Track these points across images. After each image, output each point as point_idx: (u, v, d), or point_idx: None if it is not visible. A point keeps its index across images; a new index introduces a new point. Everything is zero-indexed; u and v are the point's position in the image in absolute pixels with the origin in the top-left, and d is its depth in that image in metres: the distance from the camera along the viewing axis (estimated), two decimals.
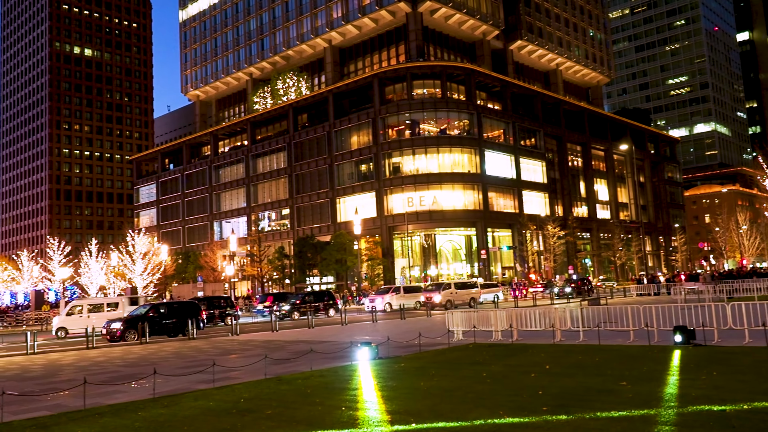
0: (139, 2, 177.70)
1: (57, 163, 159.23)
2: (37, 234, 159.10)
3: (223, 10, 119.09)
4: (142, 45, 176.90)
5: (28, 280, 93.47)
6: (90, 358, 23.73)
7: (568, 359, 16.74)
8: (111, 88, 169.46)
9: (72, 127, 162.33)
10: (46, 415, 12.23)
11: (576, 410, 10.30)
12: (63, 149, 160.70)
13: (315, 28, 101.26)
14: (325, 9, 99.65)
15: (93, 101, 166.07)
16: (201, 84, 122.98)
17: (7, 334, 44.70)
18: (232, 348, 25.17)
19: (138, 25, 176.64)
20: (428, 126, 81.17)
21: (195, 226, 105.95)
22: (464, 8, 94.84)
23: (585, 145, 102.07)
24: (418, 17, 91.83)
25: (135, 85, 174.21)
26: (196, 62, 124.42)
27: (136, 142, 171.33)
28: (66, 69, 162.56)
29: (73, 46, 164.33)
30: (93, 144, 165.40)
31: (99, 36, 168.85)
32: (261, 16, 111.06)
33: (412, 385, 13.56)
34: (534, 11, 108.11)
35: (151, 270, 72.66)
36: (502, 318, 22.90)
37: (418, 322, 33.78)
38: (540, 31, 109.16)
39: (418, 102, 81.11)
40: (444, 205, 78.23)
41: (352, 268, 76.47)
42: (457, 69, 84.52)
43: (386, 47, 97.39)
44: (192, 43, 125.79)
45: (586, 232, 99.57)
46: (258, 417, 11.01)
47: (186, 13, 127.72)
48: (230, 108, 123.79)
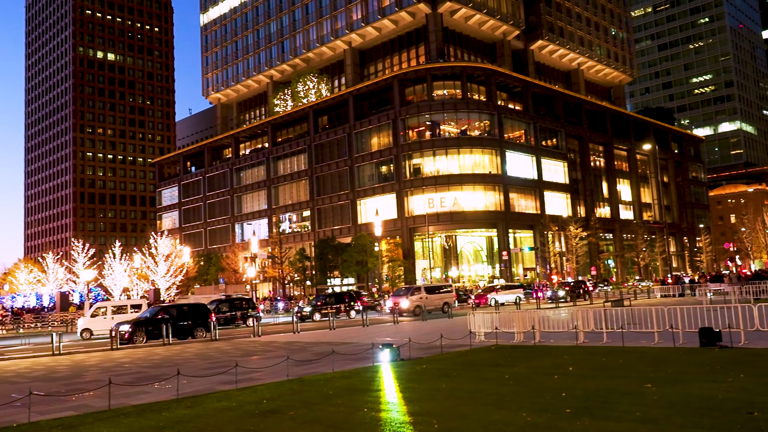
0: (161, 7, 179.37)
1: (81, 166, 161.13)
2: (62, 236, 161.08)
3: (243, 13, 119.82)
4: (164, 49, 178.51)
5: (54, 282, 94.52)
6: (114, 359, 23.96)
7: (591, 361, 16.59)
8: (134, 92, 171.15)
9: (96, 130, 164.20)
10: (72, 415, 12.36)
11: (600, 412, 10.20)
12: (87, 153, 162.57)
13: (335, 30, 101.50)
14: (345, 11, 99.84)
15: (116, 105, 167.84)
16: (222, 87, 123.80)
17: (33, 335, 45.29)
18: (254, 349, 25.27)
19: (160, 29, 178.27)
20: (448, 127, 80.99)
21: (216, 228, 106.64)
22: (484, 9, 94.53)
23: (607, 145, 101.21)
24: (437, 18, 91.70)
25: (157, 89, 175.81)
26: (217, 65, 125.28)
27: (158, 145, 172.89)
28: (89, 73, 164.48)
29: (96, 51, 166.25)
30: (116, 147, 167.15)
31: (122, 41, 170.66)
32: (281, 18, 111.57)
33: (434, 387, 13.51)
34: (555, 11, 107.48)
35: (173, 272, 73.24)
36: (524, 319, 22.76)
37: (439, 324, 33.69)
38: (561, 30, 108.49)
39: (438, 103, 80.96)
40: (465, 206, 77.98)
41: (373, 270, 76.49)
42: (478, 69, 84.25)
43: (406, 48, 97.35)
44: (213, 47, 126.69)
45: (609, 233, 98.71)
46: (281, 418, 11.03)
47: (207, 17, 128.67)
48: (251, 110, 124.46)
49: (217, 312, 40.68)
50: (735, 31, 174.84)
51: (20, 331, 52.38)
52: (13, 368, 22.34)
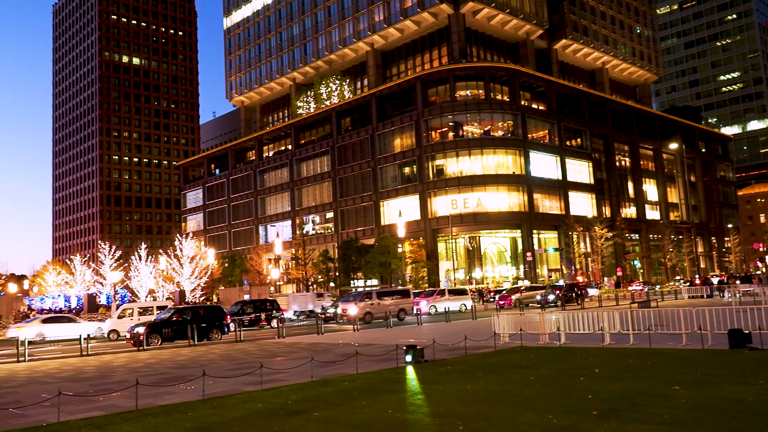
0: (185, 11, 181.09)
1: (107, 169, 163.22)
2: (90, 239, 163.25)
3: (266, 16, 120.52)
4: (188, 53, 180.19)
5: (81, 284, 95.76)
6: (141, 360, 24.20)
7: (618, 363, 16.42)
8: (158, 96, 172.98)
9: (121, 134, 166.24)
10: (100, 415, 12.50)
11: (627, 415, 10.09)
12: (113, 156, 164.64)
13: (357, 32, 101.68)
14: (367, 12, 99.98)
15: (141, 109, 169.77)
16: (245, 90, 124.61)
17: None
18: (278, 350, 25.38)
19: (184, 33, 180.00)
20: (472, 127, 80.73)
21: (241, 230, 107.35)
22: (507, 8, 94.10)
23: (633, 145, 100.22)
24: (460, 18, 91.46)
25: (181, 92, 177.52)
26: (240, 68, 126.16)
27: (183, 148, 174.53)
28: (115, 78, 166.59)
29: (122, 56, 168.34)
30: (141, 150, 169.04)
31: (146, 45, 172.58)
32: (303, 21, 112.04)
33: (459, 389, 13.46)
34: (579, 9, 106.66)
35: (198, 274, 73.76)
36: (549, 321, 22.59)
37: (463, 325, 33.58)
38: (585, 29, 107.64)
39: (461, 104, 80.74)
40: (488, 206, 77.66)
41: (396, 271, 76.47)
42: (501, 70, 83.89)
43: (428, 49, 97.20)
44: (236, 50, 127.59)
45: (635, 234, 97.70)
46: (305, 419, 11.06)
47: (230, 20, 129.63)
48: (274, 113, 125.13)
49: (242, 313, 40.97)
50: (763, 28, 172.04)
51: None
52: (43, 369, 22.67)
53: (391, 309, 41.91)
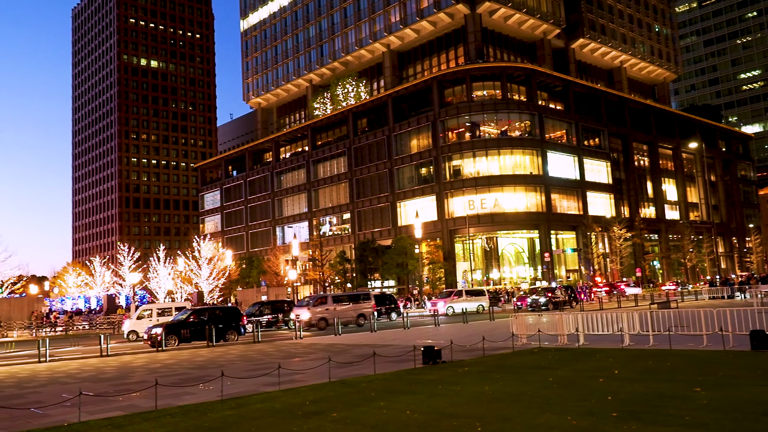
0: (202, 14, 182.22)
1: (126, 171, 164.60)
2: (109, 240, 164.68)
3: (282, 18, 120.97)
4: (205, 55, 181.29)
5: (101, 285, 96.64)
6: (160, 361, 24.37)
7: (637, 364, 16.29)
8: (176, 98, 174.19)
9: (140, 136, 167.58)
10: (120, 415, 12.61)
11: (647, 417, 10.01)
12: (131, 158, 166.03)
13: (373, 33, 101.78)
14: (383, 14, 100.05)
15: (159, 111, 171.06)
16: (262, 91, 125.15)
17: (82, 337, 46.40)
18: (296, 351, 25.45)
19: (201, 36, 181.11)
20: (488, 128, 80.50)
21: (258, 232, 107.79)
22: (524, 8, 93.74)
23: (652, 144, 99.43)
24: (476, 18, 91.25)
25: (199, 95, 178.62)
26: (257, 70, 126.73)
27: (200, 150, 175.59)
28: (133, 80, 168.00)
29: (140, 59, 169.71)
30: (159, 152, 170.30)
31: (164, 48, 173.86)
32: (320, 23, 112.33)
33: (477, 390, 13.42)
34: (596, 8, 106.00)
35: (216, 275, 74.21)
36: (568, 322, 22.47)
37: (481, 326, 33.48)
38: (603, 28, 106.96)
39: (478, 104, 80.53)
40: (505, 207, 77.39)
41: (413, 272, 76.40)
42: (518, 69, 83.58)
43: (445, 50, 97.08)
44: (253, 52, 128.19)
45: (654, 234, 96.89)
46: (323, 420, 11.07)
47: (247, 22, 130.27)
48: (291, 114, 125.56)
49: (260, 314, 41.12)
50: None
51: (69, 332, 53.71)
52: (64, 369, 22.89)
53: (348, 314, 39.90)
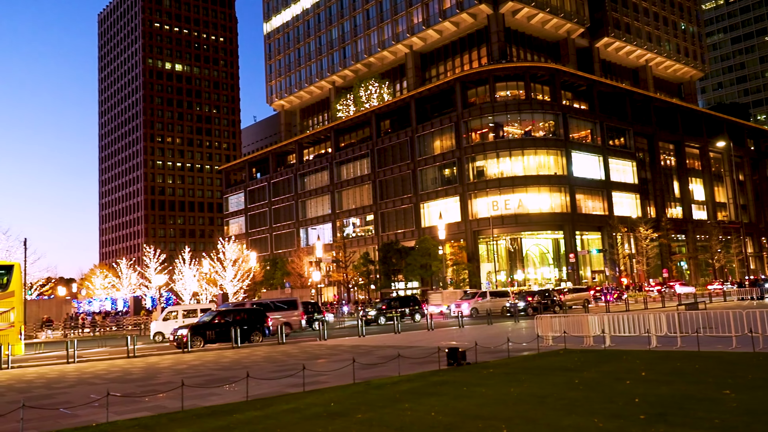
0: (226, 17, 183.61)
1: (151, 174, 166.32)
2: (135, 243, 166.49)
3: (305, 20, 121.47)
4: (228, 58, 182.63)
5: (127, 287, 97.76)
6: (186, 362, 24.57)
7: (665, 366, 16.09)
8: (200, 101, 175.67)
9: (165, 139, 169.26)
10: (148, 416, 12.72)
11: (676, 419, 9.88)
12: (157, 161, 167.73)
13: (396, 35, 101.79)
14: (406, 15, 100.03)
15: (184, 114, 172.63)
16: (285, 94, 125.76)
17: (109, 338, 46.96)
18: (320, 353, 25.51)
19: (225, 39, 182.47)
20: (512, 128, 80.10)
21: (282, 233, 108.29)
22: (547, 7, 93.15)
23: (678, 144, 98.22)
24: (499, 18, 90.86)
25: (223, 98, 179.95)
26: (280, 73, 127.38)
27: (224, 152, 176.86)
28: (158, 84, 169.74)
29: (164, 63, 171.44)
30: (184, 155, 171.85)
31: (188, 51, 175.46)
32: (342, 24, 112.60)
33: (502, 391, 13.34)
34: (621, 6, 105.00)
35: (240, 276, 74.72)
36: (593, 323, 22.26)
37: (505, 328, 33.31)
38: (627, 26, 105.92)
39: (501, 104, 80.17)
40: (530, 208, 76.92)
41: (437, 273, 76.25)
42: (541, 69, 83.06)
43: (468, 50, 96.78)
44: (276, 55, 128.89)
45: (681, 234, 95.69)
46: (348, 421, 11.08)
47: (270, 25, 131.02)
48: (314, 116, 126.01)
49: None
50: None
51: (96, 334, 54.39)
52: (91, 370, 23.18)
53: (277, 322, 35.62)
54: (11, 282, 26.64)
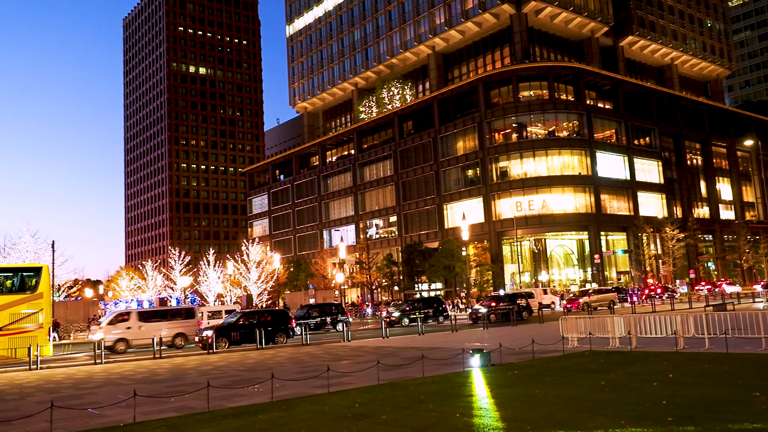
0: (249, 21, 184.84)
1: (176, 177, 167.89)
2: (160, 245, 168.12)
3: (327, 23, 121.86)
4: (251, 61, 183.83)
5: (153, 289, 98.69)
6: (211, 363, 24.75)
7: (692, 368, 15.88)
8: (224, 104, 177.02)
9: (189, 142, 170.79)
10: (174, 416, 12.83)
11: (704, 421, 9.74)
12: (181, 164, 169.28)
13: (418, 35, 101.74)
14: (428, 16, 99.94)
15: (207, 117, 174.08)
16: (308, 96, 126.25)
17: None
18: (344, 354, 25.55)
19: (248, 42, 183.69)
20: (536, 128, 79.65)
21: (305, 235, 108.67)
22: (571, 6, 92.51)
23: (705, 143, 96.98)
24: (522, 18, 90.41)
25: (246, 100, 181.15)
26: (303, 75, 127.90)
27: (248, 154, 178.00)
28: (182, 87, 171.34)
29: (188, 66, 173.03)
30: (208, 158, 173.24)
31: (212, 55, 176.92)
32: (365, 26, 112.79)
33: (527, 393, 13.26)
34: (645, 4, 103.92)
35: (264, 278, 75.11)
36: (619, 324, 22.04)
37: (529, 329, 33.11)
38: (652, 25, 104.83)
39: (524, 104, 79.75)
40: (554, 208, 76.42)
41: (460, 275, 76.03)
42: (565, 69, 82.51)
43: (490, 50, 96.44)
44: (299, 57, 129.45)
45: (708, 234, 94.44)
46: (373, 422, 11.08)
47: (292, 27, 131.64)
48: (337, 118, 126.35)
49: (307, 317, 41.40)
50: None
51: None
52: (118, 370, 23.44)
53: (163, 334, 33.15)
54: (40, 284, 27.05)
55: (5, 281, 27.30)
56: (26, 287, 26.94)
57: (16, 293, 26.65)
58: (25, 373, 24.28)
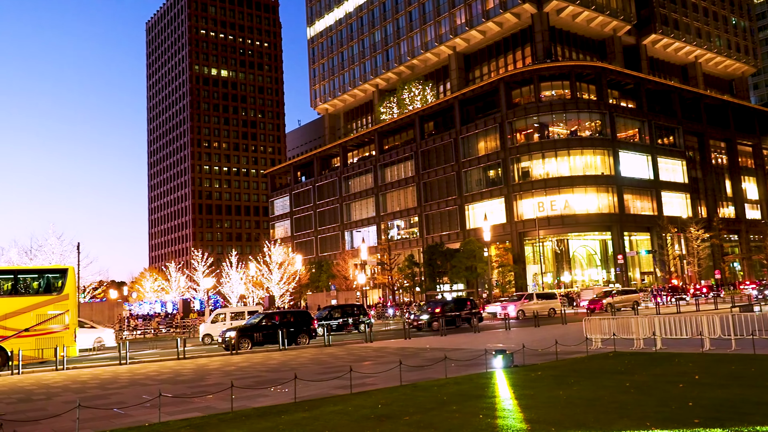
0: (270, 23, 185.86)
1: (198, 179, 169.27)
2: (183, 246, 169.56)
3: (348, 24, 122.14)
4: (273, 64, 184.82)
5: (176, 290, 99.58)
6: (234, 363, 24.90)
7: (719, 369, 15.68)
8: (246, 106, 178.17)
9: (211, 144, 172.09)
10: (198, 416, 12.94)
11: (731, 423, 9.62)
12: (204, 166, 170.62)
13: (439, 36, 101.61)
14: (449, 16, 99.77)
15: (230, 119, 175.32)
16: (329, 97, 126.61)
17: (159, 340, 47.91)
18: (366, 355, 25.58)
19: (269, 44, 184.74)
20: (557, 128, 79.16)
21: (327, 236, 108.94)
22: (593, 5, 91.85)
23: (730, 141, 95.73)
24: (543, 18, 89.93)
25: (268, 102, 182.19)
26: (324, 77, 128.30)
27: (269, 156, 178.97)
28: (205, 90, 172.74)
29: (210, 69, 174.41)
30: (230, 160, 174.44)
31: (234, 57, 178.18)
32: (385, 27, 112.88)
33: (551, 394, 13.18)
34: (668, 2, 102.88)
35: (286, 279, 75.41)
36: (644, 325, 21.83)
37: (552, 330, 32.91)
38: (676, 22, 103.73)
39: (546, 104, 79.30)
40: (576, 208, 75.88)
41: (482, 275, 75.77)
42: (587, 68, 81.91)
43: (511, 50, 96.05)
44: (320, 59, 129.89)
45: (734, 234, 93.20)
46: (396, 423, 11.08)
47: (313, 29, 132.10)
48: (358, 119, 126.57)
49: (329, 318, 41.46)
50: None
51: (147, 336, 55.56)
52: (143, 371, 23.67)
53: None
54: (65, 285, 27.33)
55: (31, 283, 27.65)
56: (52, 288, 27.26)
57: (43, 294, 26.97)
58: (52, 373, 24.61)
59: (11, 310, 26.03)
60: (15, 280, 27.22)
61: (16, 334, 25.74)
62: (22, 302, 26.39)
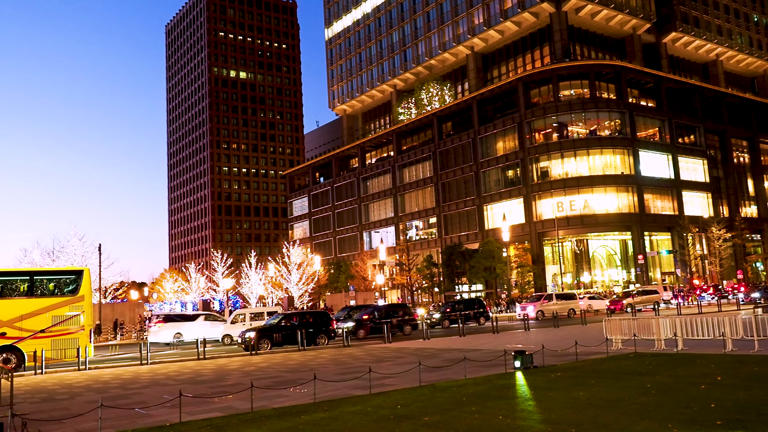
0: (288, 25, 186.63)
1: (218, 180, 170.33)
2: (203, 247, 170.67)
3: (366, 25, 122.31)
4: (291, 65, 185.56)
5: (196, 291, 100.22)
6: (254, 364, 25.03)
7: (742, 370, 15.50)
8: (264, 108, 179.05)
9: (230, 145, 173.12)
10: (219, 416, 13.02)
11: (755, 425, 9.51)
12: (223, 167, 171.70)
13: (457, 36, 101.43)
14: (467, 16, 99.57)
15: (248, 121, 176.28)
16: (347, 98, 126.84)
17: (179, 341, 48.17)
18: (385, 355, 25.59)
19: (287, 46, 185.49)
20: (577, 128, 78.68)
21: (345, 237, 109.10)
22: (612, 3, 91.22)
23: (752, 140, 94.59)
24: (562, 17, 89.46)
25: (286, 104, 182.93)
26: (342, 77, 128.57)
27: (288, 157, 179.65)
28: (224, 92, 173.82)
29: (229, 71, 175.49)
30: (249, 161, 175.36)
31: (252, 59, 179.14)
32: (403, 28, 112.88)
33: (571, 395, 13.11)
34: (689, 0, 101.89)
35: (305, 280, 75.64)
36: (665, 326, 21.64)
37: (572, 330, 32.72)
38: (696, 20, 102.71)
39: (565, 104, 78.85)
40: (596, 208, 75.36)
41: (501, 276, 75.50)
42: (606, 67, 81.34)
43: (530, 50, 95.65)
44: (338, 60, 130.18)
45: (757, 234, 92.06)
46: (415, 423, 11.08)
47: (331, 30, 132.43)
48: (376, 120, 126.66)
49: (348, 318, 41.53)
50: None
51: None
52: (164, 371, 23.87)
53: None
54: (81, 286, 27.56)
55: (48, 284, 27.91)
56: (68, 290, 27.53)
57: (59, 296, 27.24)
58: (74, 373, 24.89)
59: (27, 312, 26.29)
60: (31, 282, 27.51)
61: (32, 335, 26.00)
62: (38, 303, 26.65)
